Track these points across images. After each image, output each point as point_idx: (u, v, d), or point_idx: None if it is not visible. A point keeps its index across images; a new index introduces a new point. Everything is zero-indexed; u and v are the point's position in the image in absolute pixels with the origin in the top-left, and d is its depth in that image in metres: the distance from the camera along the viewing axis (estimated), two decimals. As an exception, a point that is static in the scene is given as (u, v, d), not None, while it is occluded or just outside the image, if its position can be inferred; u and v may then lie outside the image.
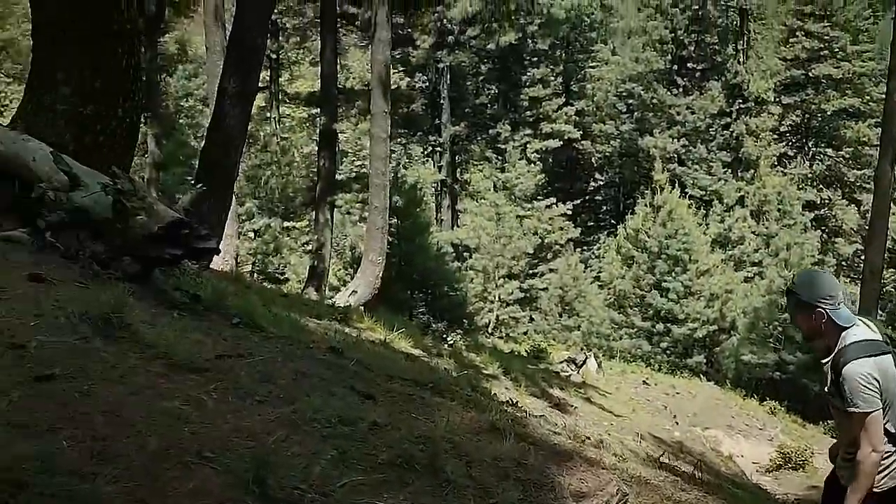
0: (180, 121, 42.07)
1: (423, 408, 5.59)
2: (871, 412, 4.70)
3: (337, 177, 31.25)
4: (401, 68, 41.58)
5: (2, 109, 34.77)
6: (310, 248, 33.00)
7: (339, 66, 32.24)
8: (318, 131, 33.21)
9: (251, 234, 36.90)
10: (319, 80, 31.41)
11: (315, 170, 32.33)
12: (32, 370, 4.32)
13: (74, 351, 4.70)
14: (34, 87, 8.42)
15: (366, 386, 5.74)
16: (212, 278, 9.02)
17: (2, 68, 40.75)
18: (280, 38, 43.16)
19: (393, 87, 28.81)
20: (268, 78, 42.12)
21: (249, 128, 18.21)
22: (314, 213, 30.31)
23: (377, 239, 24.65)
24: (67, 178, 7.07)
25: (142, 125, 15.02)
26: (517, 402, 8.92)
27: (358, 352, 7.10)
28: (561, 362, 20.80)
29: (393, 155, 33.10)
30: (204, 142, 15.47)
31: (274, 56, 42.58)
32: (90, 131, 8.17)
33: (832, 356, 4.88)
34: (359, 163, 43.49)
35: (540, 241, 43.51)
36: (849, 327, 4.85)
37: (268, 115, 46.35)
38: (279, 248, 37.15)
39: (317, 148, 32.45)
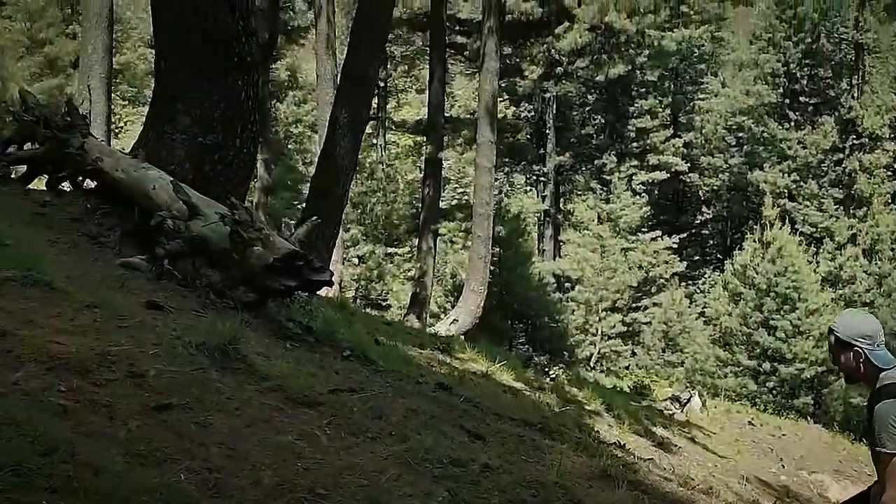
0: (289, 146, 42.88)
1: (534, 450, 5.53)
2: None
3: (440, 205, 31.39)
4: (506, 97, 41.59)
5: (117, 131, 35.85)
6: (412, 275, 33.15)
7: (445, 95, 32.46)
8: (423, 159, 33.43)
9: (355, 260, 37.33)
10: (426, 108, 31.65)
11: (419, 197, 32.55)
12: (151, 399, 4.39)
13: (191, 381, 4.77)
14: (155, 117, 8.65)
15: (475, 425, 5.70)
16: (320, 306, 9.10)
17: (118, 91, 42.05)
18: (388, 65, 43.68)
19: (499, 116, 28.86)
20: (375, 105, 42.63)
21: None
22: (417, 240, 30.47)
23: (479, 268, 24.66)
24: (186, 208, 7.22)
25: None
26: (625, 444, 8.77)
27: (465, 388, 7.07)
28: (664, 400, 20.42)
29: (496, 183, 33.09)
30: (315, 170, 15.70)
31: (381, 83, 43.08)
32: (209, 161, 8.35)
33: (869, 397, 4.80)
34: (461, 190, 43.62)
35: (644, 274, 42.87)
36: (888, 369, 4.72)
37: (374, 141, 46.89)
38: (382, 274, 37.47)
39: (421, 175, 32.66)
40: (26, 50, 37.98)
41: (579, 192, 49.00)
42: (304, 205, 31.89)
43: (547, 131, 49.07)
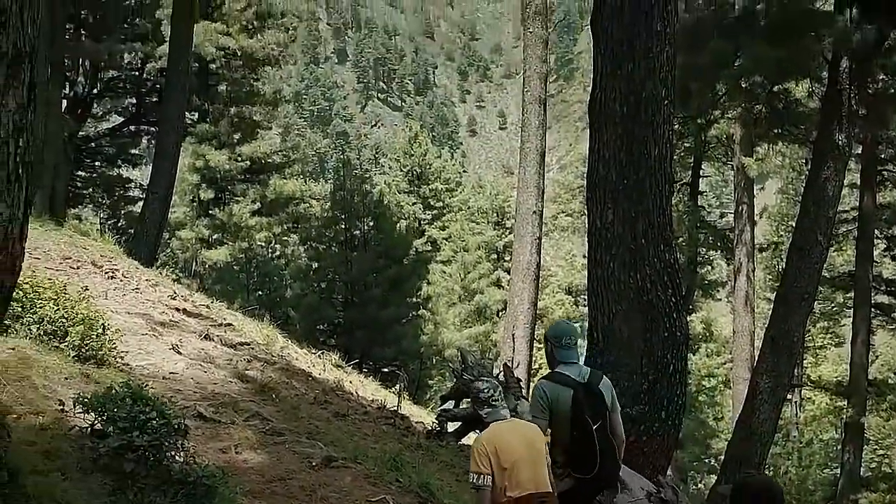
0: (700, 398, 42.30)
1: None
2: (531, 419, 6.03)
3: (861, 472, 29.26)
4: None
5: (533, 373, 37.36)
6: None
7: (868, 356, 30.81)
8: (842, 421, 31.59)
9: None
10: (846, 367, 30.17)
11: (835, 457, 30.58)
12: None
13: None
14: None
15: None
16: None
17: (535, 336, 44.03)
18: (807, 321, 42.34)
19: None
20: (791, 362, 41.09)
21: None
22: (835, 509, 28.42)
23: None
24: (611, 478, 7.34)
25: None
26: None
27: None
28: None
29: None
30: (731, 436, 15.44)
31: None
32: (634, 432, 8.47)
33: None
34: (881, 452, 40.33)
35: None
36: (564, 363, 6.17)
37: (789, 397, 45.01)
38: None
39: (838, 437, 30.78)
40: (458, 298, 41.28)
41: None
42: (713, 461, 30.99)
43: None
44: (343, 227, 28.04)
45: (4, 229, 4.21)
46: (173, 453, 5.78)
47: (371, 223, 28.43)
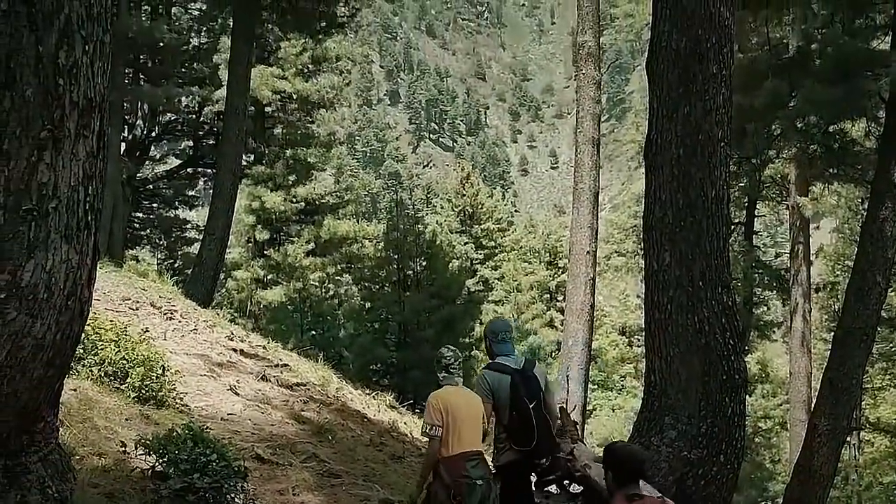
0: (756, 440, 41.67)
1: None
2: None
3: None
4: None
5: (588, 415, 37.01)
6: None
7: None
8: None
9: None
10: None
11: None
12: None
13: None
14: (643, 428, 8.93)
15: None
16: None
17: (590, 377, 43.71)
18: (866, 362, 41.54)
19: None
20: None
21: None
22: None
23: None
24: (669, 524, 7.26)
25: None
26: None
27: None
28: None
29: None
30: (790, 479, 15.19)
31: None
32: (691, 476, 8.40)
33: None
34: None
35: None
36: (501, 355, 7.27)
37: (848, 440, 44.13)
38: None
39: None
40: (511, 339, 41.17)
41: None
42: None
43: None
44: (396, 267, 28.09)
45: (74, 275, 4.31)
46: (233, 496, 5.83)
47: (423, 263, 28.43)
